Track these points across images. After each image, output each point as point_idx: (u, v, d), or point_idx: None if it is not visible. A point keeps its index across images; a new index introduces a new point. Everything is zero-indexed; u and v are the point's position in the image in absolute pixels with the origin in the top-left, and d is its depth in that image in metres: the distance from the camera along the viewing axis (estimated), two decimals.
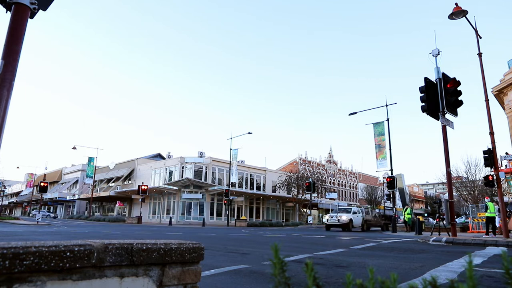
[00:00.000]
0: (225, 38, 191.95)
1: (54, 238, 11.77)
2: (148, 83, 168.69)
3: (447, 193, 13.04)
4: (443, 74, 13.30)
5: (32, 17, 3.04)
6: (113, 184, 52.98)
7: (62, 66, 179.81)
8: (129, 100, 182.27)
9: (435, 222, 17.44)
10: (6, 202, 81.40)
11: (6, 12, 2.99)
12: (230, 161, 38.64)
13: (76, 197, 56.55)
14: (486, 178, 15.55)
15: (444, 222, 16.11)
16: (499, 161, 17.19)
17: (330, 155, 63.87)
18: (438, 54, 13.44)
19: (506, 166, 23.88)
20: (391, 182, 24.01)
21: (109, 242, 1.33)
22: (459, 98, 13.26)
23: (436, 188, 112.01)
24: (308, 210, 44.39)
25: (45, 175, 50.98)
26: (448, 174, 13.18)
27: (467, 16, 13.90)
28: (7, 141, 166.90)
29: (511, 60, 23.89)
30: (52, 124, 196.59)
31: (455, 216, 14.25)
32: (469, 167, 38.86)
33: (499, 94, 24.59)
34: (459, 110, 13.41)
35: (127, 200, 47.38)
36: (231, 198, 37.02)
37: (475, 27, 14.66)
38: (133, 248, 1.37)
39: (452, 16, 13.66)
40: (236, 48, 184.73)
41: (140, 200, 38.73)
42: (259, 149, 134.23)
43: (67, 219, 51.85)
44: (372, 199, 60.30)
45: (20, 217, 45.18)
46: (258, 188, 48.79)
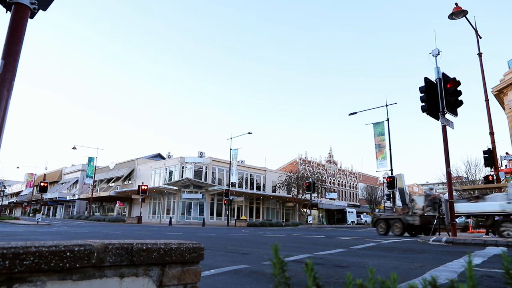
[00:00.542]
0: (225, 38, 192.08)
1: (54, 238, 11.77)
2: (148, 83, 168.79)
3: (447, 193, 13.04)
4: (443, 74, 13.29)
5: (32, 17, 3.04)
6: (113, 184, 52.99)
7: (62, 66, 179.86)
8: (129, 100, 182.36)
9: (435, 222, 17.42)
10: (6, 202, 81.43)
11: (6, 12, 2.99)
12: (230, 161, 38.65)
13: (76, 197, 56.56)
14: (486, 178, 15.57)
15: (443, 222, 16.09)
16: (499, 161, 17.20)
17: (330, 155, 63.88)
18: (438, 54, 13.44)
19: (506, 166, 23.89)
20: (391, 182, 24.03)
21: (109, 242, 1.33)
22: (459, 98, 13.26)
23: (436, 188, 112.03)
24: (308, 210, 44.40)
25: (45, 175, 50.98)
26: (448, 174, 13.18)
27: (467, 16, 13.92)
28: (7, 141, 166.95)
29: (511, 60, 23.90)
30: (52, 124, 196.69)
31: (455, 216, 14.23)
32: (469, 167, 38.81)
33: (499, 94, 24.61)
34: (459, 110, 13.40)
35: (127, 200, 47.39)
36: (231, 198, 37.02)
37: (475, 27, 14.67)
38: (133, 248, 1.37)
39: (452, 16, 13.68)
40: (236, 47, 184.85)
41: (140, 200, 38.75)
42: (259, 149, 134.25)
43: (67, 219, 51.85)
44: (372, 199, 60.33)
45: (20, 217, 45.20)
46: (258, 188, 48.79)
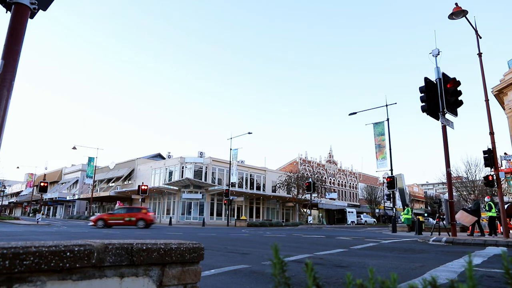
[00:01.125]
0: (225, 37, 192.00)
1: (54, 238, 11.77)
2: (148, 82, 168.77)
3: (447, 193, 13.04)
4: (443, 74, 13.29)
5: (32, 17, 3.04)
6: (113, 184, 52.98)
7: (62, 65, 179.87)
8: (129, 99, 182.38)
9: (435, 222, 17.41)
10: (6, 202, 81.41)
11: (6, 12, 2.99)
12: (230, 161, 38.63)
13: (76, 197, 56.53)
14: (486, 178, 15.56)
15: (444, 222, 16.11)
16: (499, 161, 17.18)
17: (330, 155, 63.84)
18: (438, 54, 13.44)
19: (505, 166, 23.88)
20: (391, 182, 24.01)
21: (109, 242, 1.33)
22: (459, 98, 13.26)
23: (436, 188, 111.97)
24: (308, 210, 44.39)
25: (45, 175, 50.97)
26: (448, 174, 13.18)
27: (467, 16, 13.90)
28: (7, 141, 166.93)
29: (511, 60, 23.90)
30: (52, 124, 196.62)
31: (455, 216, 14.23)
32: (469, 167, 38.87)
33: (499, 94, 24.60)
34: (459, 110, 13.41)
35: (127, 200, 47.37)
36: (231, 198, 37.01)
37: (475, 27, 14.66)
38: (133, 248, 1.37)
39: (452, 16, 13.66)
40: (236, 47, 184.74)
41: (140, 200, 38.71)
42: (259, 149, 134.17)
43: (67, 219, 51.83)
44: (372, 199, 60.32)
45: (20, 217, 45.17)
46: (258, 188, 48.77)
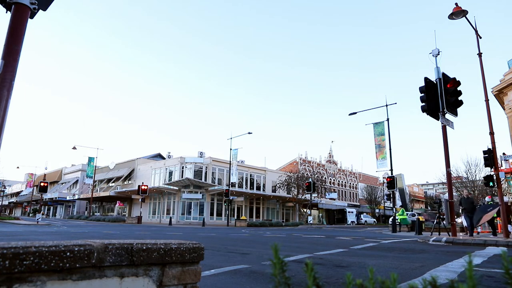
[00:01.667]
0: (224, 37, 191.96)
1: (54, 238, 11.77)
2: (148, 82, 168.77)
3: (447, 193, 13.04)
4: (443, 74, 13.29)
5: (32, 17, 3.04)
6: (113, 184, 52.97)
7: (62, 65, 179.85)
8: (129, 99, 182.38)
9: (435, 222, 17.39)
10: (6, 202, 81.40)
11: (6, 12, 2.99)
12: (230, 161, 38.63)
13: (76, 197, 56.53)
14: (487, 178, 15.57)
15: (444, 222, 16.10)
16: (499, 161, 17.19)
17: (330, 155, 63.83)
18: (438, 54, 13.44)
19: (505, 166, 23.88)
20: (391, 182, 24.01)
21: (109, 242, 1.33)
22: (459, 98, 13.25)
23: (436, 188, 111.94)
24: (308, 210, 44.38)
25: (45, 175, 50.96)
26: (448, 174, 13.17)
27: (467, 16, 13.90)
28: (7, 141, 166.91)
29: (511, 60, 23.90)
30: (52, 124, 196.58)
31: (455, 216, 14.24)
32: (469, 167, 38.85)
33: (499, 94, 24.61)
34: (459, 110, 13.40)
35: (127, 200, 47.37)
36: (231, 198, 37.01)
37: (475, 27, 14.66)
38: (133, 248, 1.37)
39: (452, 16, 13.66)
40: (237, 46, 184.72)
41: (140, 200, 38.72)
42: (259, 149, 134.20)
43: (67, 219, 51.83)
44: (372, 199, 60.32)
45: (20, 217, 45.18)
46: (258, 188, 48.77)
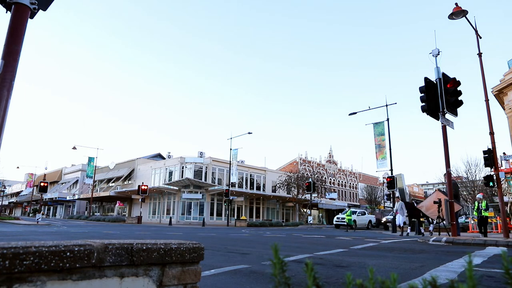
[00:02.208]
0: (225, 37, 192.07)
1: (54, 238, 11.77)
2: (148, 82, 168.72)
3: (447, 193, 13.04)
4: (443, 74, 13.29)
5: (32, 17, 3.04)
6: (113, 184, 52.97)
7: (61, 65, 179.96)
8: (129, 99, 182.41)
9: (434, 222, 17.39)
10: (6, 202, 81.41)
11: (6, 12, 2.99)
12: (230, 161, 38.64)
13: (76, 197, 56.52)
14: (487, 178, 15.57)
15: (444, 222, 16.09)
16: (499, 161, 17.20)
17: (330, 155, 63.84)
18: (438, 54, 13.44)
19: (505, 166, 23.89)
20: (391, 182, 24.01)
21: (109, 242, 1.33)
22: (459, 98, 13.26)
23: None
24: (308, 210, 44.39)
25: (45, 175, 50.94)
26: (448, 174, 13.18)
27: (467, 16, 13.90)
28: (7, 141, 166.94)
29: (511, 60, 23.91)
30: (52, 124, 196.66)
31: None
32: (469, 167, 38.93)
33: (499, 94, 24.61)
34: (459, 110, 13.41)
35: (127, 200, 47.37)
36: (231, 198, 37.01)
37: (475, 27, 14.66)
38: (133, 248, 1.37)
39: (452, 16, 13.67)
40: (237, 45, 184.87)
41: (140, 200, 38.73)
42: (259, 149, 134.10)
43: (67, 219, 51.82)
44: (372, 199, 60.30)
45: (20, 217, 45.18)
46: (258, 188, 48.77)
